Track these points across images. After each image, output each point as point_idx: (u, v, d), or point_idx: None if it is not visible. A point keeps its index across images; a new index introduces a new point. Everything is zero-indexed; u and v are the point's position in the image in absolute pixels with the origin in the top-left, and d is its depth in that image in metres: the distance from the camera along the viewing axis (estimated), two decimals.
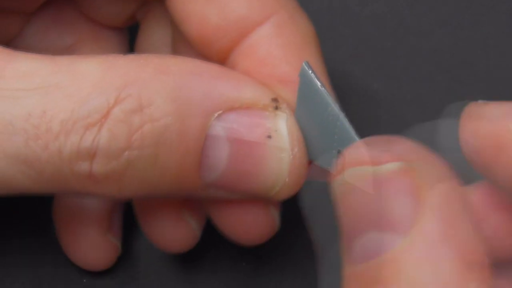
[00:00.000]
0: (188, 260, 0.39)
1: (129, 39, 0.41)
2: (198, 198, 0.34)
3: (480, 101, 0.28)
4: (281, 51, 0.33)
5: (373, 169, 0.27)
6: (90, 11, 0.39)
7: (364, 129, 0.41)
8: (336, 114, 0.31)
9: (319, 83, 0.31)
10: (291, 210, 0.40)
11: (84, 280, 0.39)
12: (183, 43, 0.36)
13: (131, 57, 0.31)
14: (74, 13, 0.39)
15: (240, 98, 0.31)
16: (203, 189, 0.32)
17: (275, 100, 0.32)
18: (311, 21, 0.34)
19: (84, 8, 0.39)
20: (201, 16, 0.33)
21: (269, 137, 0.31)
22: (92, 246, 0.38)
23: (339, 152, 0.31)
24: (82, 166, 0.30)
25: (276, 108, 0.31)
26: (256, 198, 0.33)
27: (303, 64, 0.31)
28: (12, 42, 0.39)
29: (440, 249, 0.25)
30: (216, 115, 0.31)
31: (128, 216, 0.40)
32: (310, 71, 0.31)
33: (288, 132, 0.31)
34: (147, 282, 0.39)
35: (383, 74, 0.43)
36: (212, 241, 0.40)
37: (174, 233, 0.37)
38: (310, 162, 0.32)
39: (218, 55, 0.34)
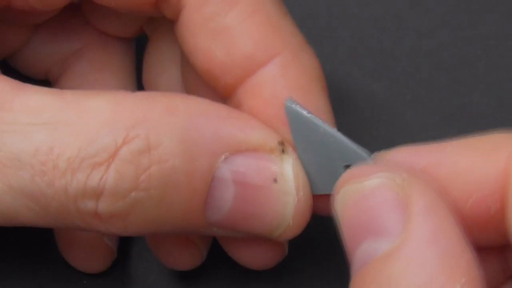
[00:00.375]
0: None
1: (136, 46, 0.41)
2: (202, 235, 0.34)
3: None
4: (286, 92, 0.33)
5: (362, 184, 0.28)
6: (97, 23, 0.39)
7: (364, 129, 0.42)
8: (331, 134, 0.31)
9: (305, 112, 0.32)
10: None
11: (85, 282, 0.39)
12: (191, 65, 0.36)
13: (139, 96, 0.31)
14: (80, 21, 0.39)
15: (247, 141, 0.31)
16: (206, 227, 0.32)
17: (281, 143, 0.32)
18: (311, 21, 0.34)
19: (91, 20, 0.39)
20: (207, 50, 0.33)
21: (275, 180, 0.31)
22: (88, 249, 0.38)
23: (346, 168, 0.31)
24: (88, 204, 0.30)
25: (283, 151, 0.32)
26: (259, 237, 0.33)
27: (286, 101, 0.32)
28: (20, 50, 0.39)
29: (428, 250, 0.26)
30: (223, 157, 0.31)
31: None
32: (294, 105, 0.32)
33: (294, 176, 0.32)
34: (148, 283, 0.39)
35: (383, 75, 0.43)
36: (212, 241, 0.40)
37: (181, 253, 0.37)
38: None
39: (224, 90, 0.34)
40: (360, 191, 0.28)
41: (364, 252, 0.27)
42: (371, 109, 0.42)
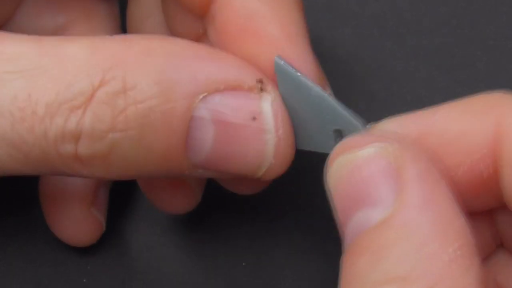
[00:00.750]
0: (188, 260, 0.40)
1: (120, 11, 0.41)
2: (188, 178, 0.34)
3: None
4: (255, 3, 0.32)
5: (355, 155, 0.28)
6: None
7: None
8: (321, 95, 0.31)
9: (296, 72, 0.31)
10: (291, 210, 0.40)
11: (84, 280, 0.39)
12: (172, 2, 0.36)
13: (117, 39, 0.31)
14: None
15: (225, 80, 0.31)
16: (190, 169, 0.32)
17: (260, 81, 0.32)
18: (311, 20, 0.34)
19: None
20: None
21: (254, 119, 0.31)
22: (75, 220, 0.38)
23: (335, 132, 0.31)
24: (67, 148, 0.30)
25: (261, 89, 0.32)
26: (245, 178, 0.33)
27: (275, 58, 0.32)
28: (5, 25, 0.39)
29: (420, 217, 0.26)
30: (201, 97, 0.31)
31: (134, 215, 0.40)
32: (283, 62, 0.32)
33: (273, 114, 0.31)
34: (147, 281, 0.39)
35: (383, 75, 0.43)
36: (212, 242, 0.40)
37: (175, 196, 0.37)
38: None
39: (199, 8, 0.33)
40: (353, 161, 0.28)
41: (357, 223, 0.27)
42: (371, 109, 0.42)
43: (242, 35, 0.32)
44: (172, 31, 0.36)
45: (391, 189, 0.27)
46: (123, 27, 0.39)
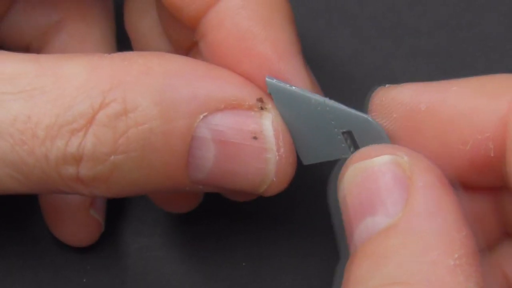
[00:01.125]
0: (188, 260, 0.39)
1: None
2: (189, 192, 0.34)
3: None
4: (247, 23, 0.32)
5: (372, 161, 0.29)
6: None
7: None
8: (321, 102, 0.31)
9: (289, 86, 0.31)
10: (291, 210, 0.40)
11: (84, 280, 0.39)
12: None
13: (115, 58, 0.31)
14: None
15: (225, 99, 0.31)
16: (191, 186, 0.32)
17: (260, 100, 0.32)
18: (311, 20, 0.34)
19: None
20: None
21: (255, 138, 0.31)
22: (74, 220, 0.38)
23: (345, 134, 0.31)
24: (69, 170, 0.30)
25: (262, 108, 0.32)
26: (246, 193, 0.33)
27: (266, 79, 0.32)
28: None
29: (426, 225, 0.27)
30: (201, 116, 0.31)
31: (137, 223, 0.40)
32: (274, 81, 0.32)
33: (274, 133, 0.32)
34: (147, 282, 0.39)
35: (383, 75, 0.43)
36: (212, 242, 0.40)
37: (178, 196, 0.37)
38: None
39: (189, 22, 0.33)
40: (369, 168, 0.28)
41: (366, 229, 0.28)
42: None
43: (234, 55, 0.32)
44: (167, 35, 0.36)
45: (401, 197, 0.28)
46: (120, 25, 0.39)
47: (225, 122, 0.31)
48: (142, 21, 0.37)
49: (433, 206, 0.27)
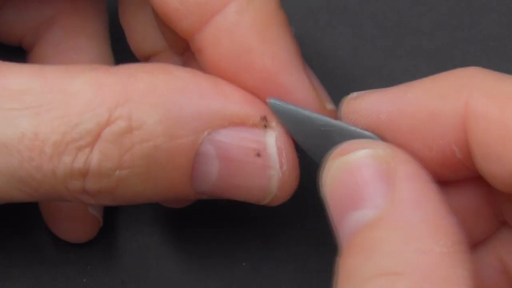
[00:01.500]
0: (188, 259, 0.39)
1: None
2: (194, 200, 0.35)
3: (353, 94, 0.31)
4: (243, 39, 0.32)
5: (348, 157, 0.29)
6: None
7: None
8: (325, 120, 0.31)
9: (289, 106, 0.32)
10: (291, 210, 0.40)
11: (84, 280, 0.39)
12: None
13: (121, 73, 0.31)
14: None
15: (229, 116, 0.31)
16: (196, 195, 0.32)
17: (264, 118, 0.32)
18: (311, 19, 0.34)
19: None
20: (162, 2, 0.33)
21: (258, 155, 0.32)
22: (73, 219, 0.38)
23: None
24: (75, 184, 0.31)
25: (265, 126, 0.32)
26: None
27: (267, 101, 0.32)
28: None
29: (411, 215, 0.27)
30: (206, 133, 0.31)
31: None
32: (276, 102, 0.32)
33: (277, 150, 0.32)
34: (147, 281, 0.39)
35: (383, 74, 0.43)
36: (212, 241, 0.40)
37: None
38: None
39: (183, 34, 0.33)
40: (347, 164, 0.29)
41: (351, 224, 0.28)
42: None
43: (234, 71, 0.32)
44: (162, 35, 0.37)
45: (383, 189, 0.28)
46: (115, 19, 0.39)
47: (229, 139, 0.31)
48: (138, 16, 0.37)
49: (417, 196, 0.27)
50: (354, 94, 0.31)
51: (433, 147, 0.29)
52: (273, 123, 0.32)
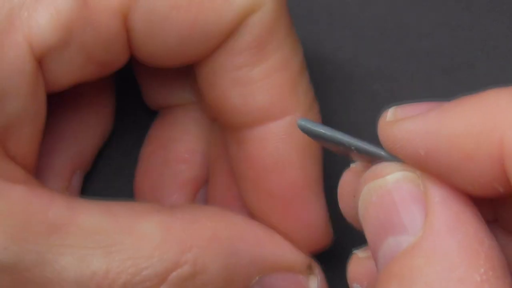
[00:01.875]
0: None
1: None
2: None
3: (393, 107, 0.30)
4: (285, 152, 0.35)
5: (385, 179, 0.29)
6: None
7: (365, 130, 0.42)
8: (353, 143, 0.31)
9: (321, 130, 0.31)
10: None
11: None
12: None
13: (186, 220, 0.33)
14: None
15: (279, 263, 0.35)
16: None
17: (309, 266, 0.35)
18: (312, 21, 0.34)
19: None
20: (227, 95, 0.35)
21: None
22: None
23: None
24: None
25: (309, 273, 0.35)
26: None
27: (297, 122, 0.32)
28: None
29: (448, 241, 0.27)
30: (257, 278, 0.34)
31: None
32: (306, 124, 0.32)
33: None
34: None
35: (383, 75, 0.43)
36: None
37: None
38: None
39: (230, 126, 0.36)
40: (383, 186, 0.29)
41: (388, 249, 0.28)
42: (372, 109, 0.42)
43: (266, 175, 0.35)
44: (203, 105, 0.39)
45: (420, 213, 0.28)
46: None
47: (277, 281, 0.35)
48: (154, 71, 0.39)
49: (452, 221, 0.27)
50: (389, 114, 0.30)
51: (474, 184, 0.28)
52: (316, 269, 0.36)
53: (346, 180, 0.31)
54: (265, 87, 0.34)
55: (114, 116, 0.40)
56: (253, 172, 0.35)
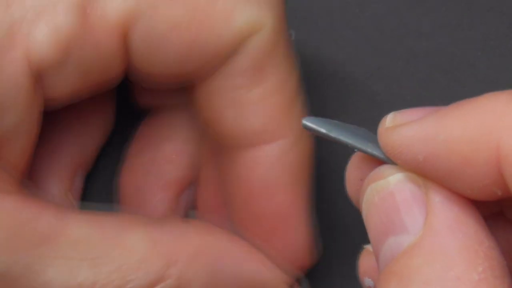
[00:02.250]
0: None
1: None
2: None
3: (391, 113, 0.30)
4: (276, 176, 0.35)
5: (387, 180, 0.29)
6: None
7: None
8: (354, 146, 0.31)
9: (324, 131, 0.31)
10: None
11: None
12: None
13: (174, 233, 0.34)
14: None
15: (263, 282, 0.35)
16: None
17: (291, 285, 0.36)
18: (312, 21, 0.34)
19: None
20: (222, 115, 0.35)
21: None
22: None
23: None
24: None
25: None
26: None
27: (302, 122, 0.32)
28: None
29: (447, 241, 0.27)
30: None
31: None
32: (311, 125, 0.31)
33: None
34: None
35: (383, 75, 0.43)
36: None
37: None
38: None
39: (223, 143, 0.36)
40: (385, 187, 0.29)
41: (389, 249, 0.28)
42: (372, 109, 0.42)
43: (254, 197, 0.35)
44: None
45: (421, 213, 0.28)
46: None
47: None
48: None
49: (453, 221, 0.27)
50: (388, 120, 0.30)
51: (473, 188, 0.28)
52: (297, 286, 0.36)
53: (354, 163, 0.31)
54: (260, 110, 0.35)
55: (115, 116, 0.41)
56: (241, 192, 0.36)
